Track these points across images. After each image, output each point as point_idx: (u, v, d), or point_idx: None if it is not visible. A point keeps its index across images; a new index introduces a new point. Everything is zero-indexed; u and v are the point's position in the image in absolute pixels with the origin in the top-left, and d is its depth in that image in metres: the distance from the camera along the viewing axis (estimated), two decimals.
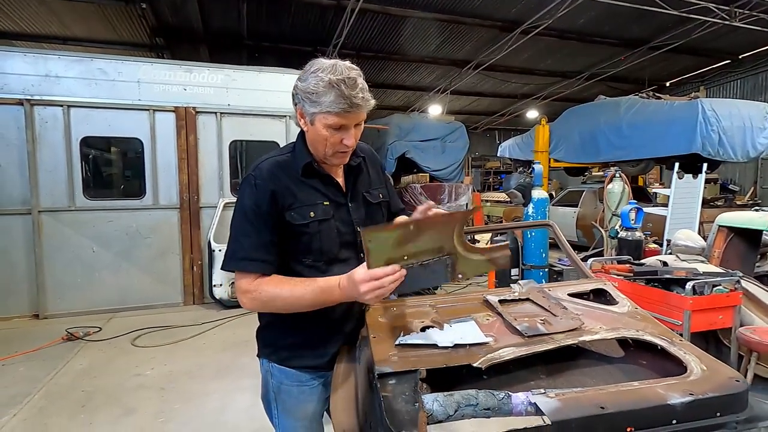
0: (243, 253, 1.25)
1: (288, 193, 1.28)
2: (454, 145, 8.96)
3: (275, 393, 1.42)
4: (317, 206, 1.30)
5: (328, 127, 1.22)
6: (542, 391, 1.05)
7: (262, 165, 1.31)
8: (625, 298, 1.52)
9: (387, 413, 0.98)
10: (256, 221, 1.26)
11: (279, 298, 1.23)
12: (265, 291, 1.23)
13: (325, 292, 1.21)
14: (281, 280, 1.26)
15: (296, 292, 1.22)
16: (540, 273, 4.56)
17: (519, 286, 1.60)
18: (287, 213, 1.27)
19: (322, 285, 1.22)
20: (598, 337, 1.29)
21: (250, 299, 1.25)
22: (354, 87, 1.18)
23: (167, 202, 5.51)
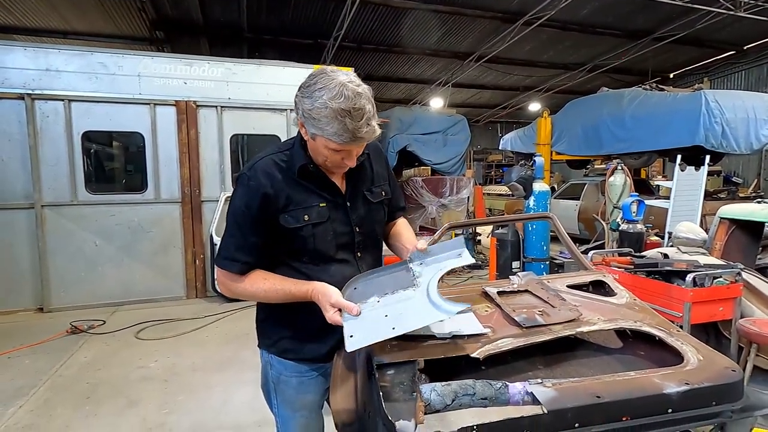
0: (226, 252, 1.29)
1: (282, 194, 1.27)
2: (456, 138, 8.94)
3: (275, 384, 1.44)
4: (312, 209, 1.30)
5: (329, 149, 1.21)
6: (539, 381, 1.06)
7: (257, 164, 1.30)
8: (623, 289, 1.53)
9: (385, 403, 0.99)
10: (244, 223, 1.28)
11: (252, 296, 1.32)
12: (240, 287, 1.31)
13: (296, 297, 1.27)
14: (257, 280, 1.30)
15: (269, 294, 1.30)
16: (541, 266, 4.56)
17: (518, 278, 1.61)
18: (281, 216, 1.27)
19: (294, 292, 1.27)
20: (596, 328, 1.29)
21: (226, 290, 1.34)
22: (360, 118, 1.14)
23: (169, 197, 5.52)
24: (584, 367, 1.33)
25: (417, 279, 1.22)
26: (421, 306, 1.12)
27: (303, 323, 1.37)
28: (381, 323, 1.14)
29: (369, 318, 1.18)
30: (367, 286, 1.29)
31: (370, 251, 1.43)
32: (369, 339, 1.11)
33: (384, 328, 1.12)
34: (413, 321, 1.10)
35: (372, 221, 1.41)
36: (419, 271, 1.25)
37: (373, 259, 1.44)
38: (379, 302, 1.22)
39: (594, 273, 1.69)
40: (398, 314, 1.14)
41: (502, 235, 4.62)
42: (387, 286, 1.26)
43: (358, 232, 1.37)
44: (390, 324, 1.12)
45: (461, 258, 1.21)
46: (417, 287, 1.19)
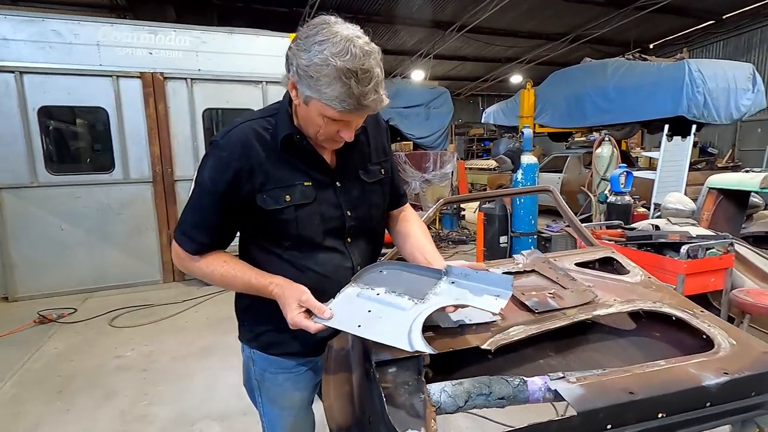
0: (183, 226, 1.14)
1: (260, 170, 1.09)
2: (439, 111, 8.72)
3: (258, 381, 1.30)
4: (294, 188, 1.12)
5: (325, 118, 1.02)
6: (561, 375, 0.94)
7: (234, 132, 1.11)
8: (635, 266, 1.42)
9: (388, 408, 0.86)
10: (207, 199, 1.10)
11: (208, 278, 1.16)
12: (194, 267, 1.16)
13: (256, 290, 1.12)
14: (214, 262, 1.14)
15: (227, 280, 1.14)
16: (529, 240, 4.51)
17: (522, 257, 1.48)
18: (258, 195, 1.10)
19: (254, 283, 1.11)
20: (613, 311, 1.19)
21: (180, 265, 1.18)
22: (367, 82, 0.95)
23: (139, 176, 5.19)
24: (598, 352, 1.23)
25: (431, 296, 1.06)
26: (399, 324, 0.97)
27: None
28: (356, 315, 1.02)
29: (355, 304, 1.06)
30: (390, 276, 1.17)
31: (364, 238, 1.26)
32: (335, 322, 1.00)
33: (354, 320, 1.00)
34: (378, 332, 0.96)
35: (367, 204, 1.23)
36: (443, 289, 1.09)
37: (367, 247, 1.27)
38: (378, 295, 1.08)
39: (602, 249, 1.58)
40: (376, 317, 1.01)
41: (490, 209, 4.52)
42: (402, 284, 1.11)
43: (350, 217, 1.20)
44: (360, 321, 1.00)
45: (495, 301, 1.02)
46: (421, 303, 1.04)
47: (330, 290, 1.12)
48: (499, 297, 1.01)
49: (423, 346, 0.89)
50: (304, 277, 1.13)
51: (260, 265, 1.16)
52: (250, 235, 1.19)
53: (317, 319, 1.02)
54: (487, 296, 1.02)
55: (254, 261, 1.18)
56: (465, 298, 1.03)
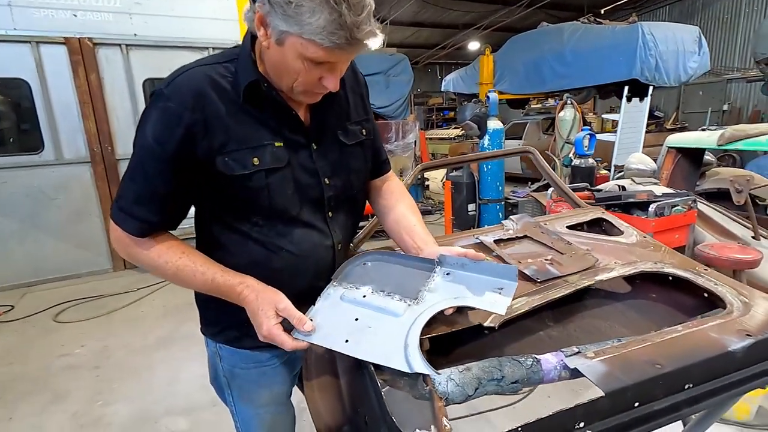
0: (123, 202, 0.92)
1: (219, 127, 0.88)
2: (399, 80, 8.48)
3: (228, 378, 1.13)
4: (264, 149, 0.92)
5: (306, 60, 0.82)
6: (575, 350, 0.84)
7: (181, 80, 0.88)
8: (629, 226, 1.35)
9: (389, 405, 0.73)
10: (152, 164, 0.88)
11: (158, 271, 0.95)
12: (141, 255, 0.94)
13: (219, 292, 0.94)
14: (168, 252, 0.94)
15: (183, 276, 0.94)
16: (497, 206, 4.50)
17: (512, 222, 1.38)
18: (218, 158, 0.89)
19: (219, 281, 0.93)
20: (616, 275, 1.10)
21: (123, 252, 0.96)
22: (360, 9, 0.77)
23: (74, 156, 4.68)
24: (598, 318, 1.16)
25: (425, 293, 0.92)
26: (393, 337, 0.84)
27: None
28: (341, 326, 0.88)
29: (339, 311, 0.91)
30: (376, 269, 1.01)
31: (344, 210, 1.09)
32: (318, 337, 0.87)
33: (340, 333, 0.86)
34: (369, 349, 0.82)
35: (347, 171, 1.06)
36: (438, 284, 0.95)
37: (348, 221, 1.11)
38: (365, 298, 0.93)
39: (591, 210, 1.50)
40: (365, 327, 0.87)
41: (457, 177, 4.45)
42: (391, 279, 0.97)
43: (329, 185, 1.02)
44: (346, 333, 0.86)
45: (499, 297, 0.87)
46: (414, 305, 0.90)
47: (306, 273, 0.95)
48: (502, 291, 0.88)
49: (423, 367, 0.76)
50: (276, 258, 0.95)
51: (224, 247, 0.98)
52: (208, 209, 0.99)
53: (297, 334, 0.88)
54: (489, 292, 0.89)
55: (215, 242, 0.99)
56: (464, 296, 0.89)
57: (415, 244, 1.06)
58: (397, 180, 1.27)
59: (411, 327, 0.84)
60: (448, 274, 0.96)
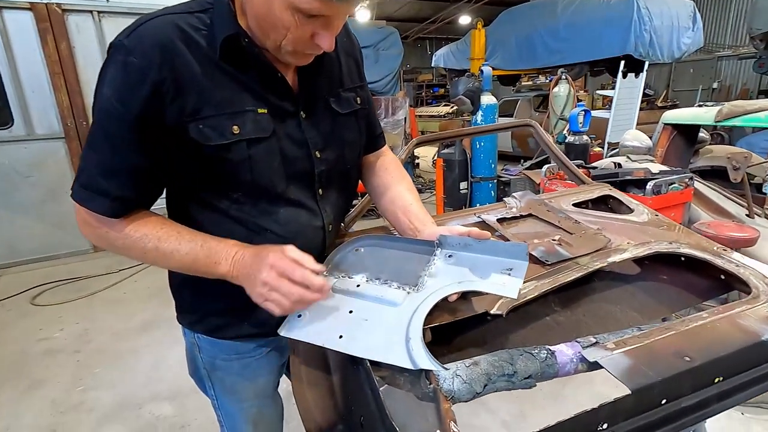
0: (86, 177, 0.78)
1: (192, 88, 0.75)
2: (388, 54, 8.23)
3: (208, 371, 1.04)
4: (245, 116, 0.80)
5: (297, 12, 0.69)
6: (592, 340, 0.76)
7: (144, 29, 0.74)
8: (639, 203, 1.27)
9: (388, 406, 0.64)
10: (117, 130, 0.75)
11: (134, 249, 0.81)
12: (112, 236, 0.81)
13: (203, 264, 0.81)
14: (144, 224, 0.82)
15: (165, 246, 0.81)
16: (489, 185, 4.42)
17: (515, 200, 1.28)
18: (191, 125, 0.76)
19: (211, 245, 0.81)
20: (629, 256, 1.02)
21: (91, 234, 0.83)
22: None
23: (46, 131, 4.43)
24: (608, 302, 1.08)
25: (426, 279, 0.83)
26: (392, 329, 0.74)
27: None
28: (334, 320, 0.78)
29: (331, 303, 0.82)
30: (370, 255, 0.92)
31: (336, 188, 0.98)
32: (308, 333, 0.78)
33: (333, 328, 0.77)
34: (366, 345, 0.73)
35: (340, 143, 0.95)
36: (439, 268, 0.85)
37: (340, 200, 1.00)
38: (359, 287, 0.83)
39: (598, 187, 1.41)
40: (361, 320, 0.78)
41: (449, 155, 4.34)
42: (387, 265, 0.87)
43: (320, 159, 0.91)
44: (341, 328, 0.77)
45: (509, 280, 0.78)
46: (414, 292, 0.80)
47: None
48: (512, 272, 0.79)
49: (428, 362, 0.67)
50: (260, 240, 0.84)
51: (199, 227, 0.86)
52: (181, 184, 0.87)
53: (290, 328, 0.79)
54: (497, 274, 0.80)
55: (189, 222, 0.87)
56: (470, 280, 0.80)
57: (411, 224, 0.96)
58: (392, 155, 1.16)
59: (412, 317, 0.75)
60: (450, 256, 0.86)
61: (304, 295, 0.74)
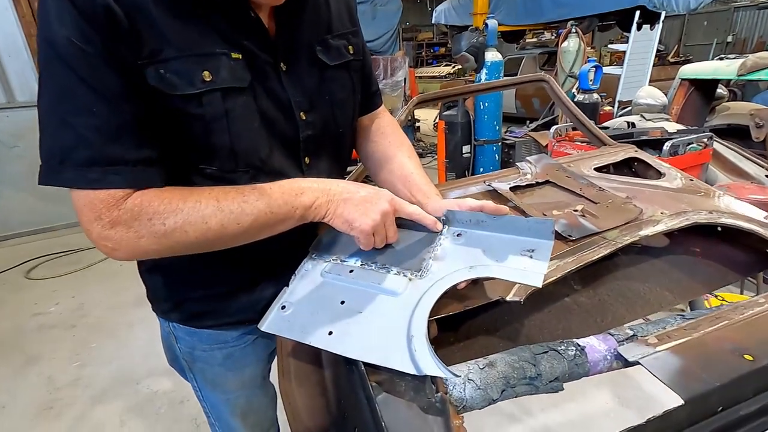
0: (85, 153, 0.58)
1: (145, 25, 0.59)
2: (386, 9, 7.78)
3: (188, 362, 0.93)
4: (218, 60, 0.64)
5: None
6: (629, 333, 0.64)
7: None
8: (670, 167, 1.12)
9: (386, 420, 0.53)
10: (101, 76, 0.57)
11: (192, 222, 0.62)
12: (155, 210, 0.61)
13: (282, 204, 0.67)
14: (184, 191, 0.64)
15: (228, 205, 0.64)
16: (493, 148, 4.23)
17: (529, 165, 1.14)
18: (149, 70, 0.60)
19: (277, 190, 0.67)
20: (664, 228, 0.89)
21: (124, 229, 0.60)
22: None
23: (28, 98, 4.21)
24: (634, 280, 0.96)
25: (430, 263, 0.70)
26: (391, 325, 0.62)
27: (224, 268, 0.81)
28: (323, 312, 0.66)
29: (320, 293, 0.70)
30: None
31: (327, 156, 0.84)
32: (294, 329, 0.66)
33: (322, 322, 0.65)
34: (360, 344, 0.61)
35: (329, 101, 0.79)
36: (447, 249, 0.72)
37: (332, 169, 0.85)
38: (352, 273, 0.71)
39: (622, 148, 1.26)
40: (354, 312, 0.65)
41: (451, 117, 4.13)
42: (386, 247, 0.74)
43: (305, 122, 0.76)
44: (330, 322, 0.65)
45: (531, 263, 0.64)
46: (417, 278, 0.67)
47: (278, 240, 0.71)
48: (534, 253, 0.66)
49: (435, 367, 0.55)
50: None
51: None
52: None
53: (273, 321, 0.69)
54: (516, 256, 0.66)
55: None
56: (484, 264, 0.67)
57: (413, 197, 0.82)
58: (389, 117, 1.01)
59: (415, 310, 0.62)
60: (459, 235, 0.73)
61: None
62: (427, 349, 0.57)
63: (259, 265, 0.82)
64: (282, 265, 0.79)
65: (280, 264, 0.79)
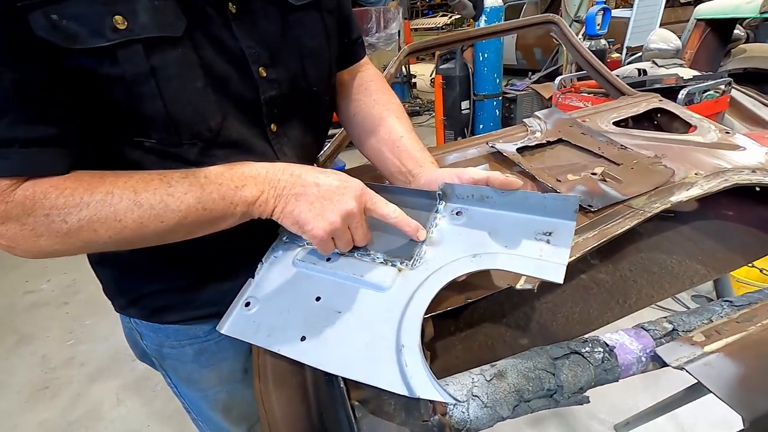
0: None
1: None
2: None
3: (158, 360, 0.83)
4: (134, 1, 0.48)
5: None
6: (667, 327, 0.53)
7: None
8: (702, 118, 0.98)
9: None
10: None
11: (101, 218, 0.49)
12: (55, 203, 0.47)
13: (217, 198, 0.54)
14: (93, 178, 0.50)
15: (147, 198, 0.50)
16: (494, 103, 4.01)
17: (539, 122, 0.99)
18: (34, 14, 0.44)
19: (212, 179, 0.54)
20: (699, 193, 0.76)
21: (18, 227, 0.47)
22: None
23: None
24: (661, 251, 0.84)
25: (425, 248, 0.57)
26: (375, 329, 0.50)
27: (185, 257, 0.69)
28: (295, 312, 0.55)
29: (291, 287, 0.59)
30: None
31: (300, 121, 0.69)
32: (260, 333, 0.56)
33: (293, 324, 0.54)
34: (336, 354, 0.50)
35: (296, 51, 0.64)
36: (444, 230, 0.59)
37: (307, 137, 0.71)
38: (330, 261, 0.59)
39: (643, 98, 1.10)
40: (331, 311, 0.54)
41: (449, 70, 3.88)
42: (371, 229, 0.61)
43: (267, 79, 0.61)
44: (302, 325, 0.54)
45: (548, 249, 0.51)
46: (409, 268, 0.55)
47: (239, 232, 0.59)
48: (552, 237, 0.52)
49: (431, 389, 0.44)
50: None
51: None
52: None
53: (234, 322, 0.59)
54: (530, 241, 0.53)
55: None
56: (490, 252, 0.54)
57: (403, 166, 0.68)
58: (373, 70, 0.85)
59: (406, 311, 0.51)
60: (459, 213, 0.60)
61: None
62: (421, 364, 0.45)
63: (231, 250, 0.70)
64: (261, 247, 0.67)
65: (241, 267, 0.66)
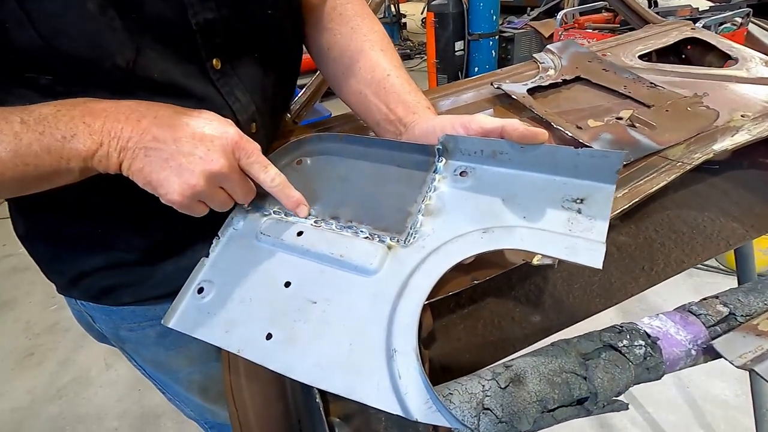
0: None
1: None
2: None
3: (117, 343, 0.73)
4: None
5: None
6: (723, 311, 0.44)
7: None
8: (744, 48, 0.83)
9: None
10: None
11: None
12: None
13: (37, 157, 0.39)
14: None
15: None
16: (490, 42, 3.73)
17: (552, 57, 0.83)
18: None
19: (36, 131, 0.39)
20: (747, 138, 0.63)
21: None
22: None
23: None
24: (690, 207, 0.74)
25: (420, 217, 0.45)
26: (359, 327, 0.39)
27: (131, 226, 0.58)
28: (259, 304, 0.44)
29: (255, 269, 0.47)
30: (323, 169, 0.53)
31: (256, 53, 0.54)
32: (215, 329, 0.44)
33: (256, 320, 0.43)
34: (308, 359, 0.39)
35: None
36: (445, 196, 0.46)
37: (267, 76, 0.56)
38: (302, 236, 0.47)
39: (673, 26, 0.94)
40: (305, 301, 0.43)
41: (441, 7, 3.56)
42: (353, 192, 0.49)
43: (200, 2, 0.45)
44: (269, 322, 0.43)
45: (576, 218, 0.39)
46: (402, 245, 0.43)
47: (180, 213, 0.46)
48: (584, 205, 0.40)
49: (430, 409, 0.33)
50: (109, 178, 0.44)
51: None
52: None
53: (184, 314, 0.48)
54: (556, 211, 0.41)
55: None
56: (505, 225, 0.41)
57: (391, 113, 0.54)
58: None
59: (398, 303, 0.39)
60: (464, 174, 0.47)
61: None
62: (419, 375, 0.35)
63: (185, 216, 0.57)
64: (189, 250, 0.56)
65: (189, 244, 0.55)
